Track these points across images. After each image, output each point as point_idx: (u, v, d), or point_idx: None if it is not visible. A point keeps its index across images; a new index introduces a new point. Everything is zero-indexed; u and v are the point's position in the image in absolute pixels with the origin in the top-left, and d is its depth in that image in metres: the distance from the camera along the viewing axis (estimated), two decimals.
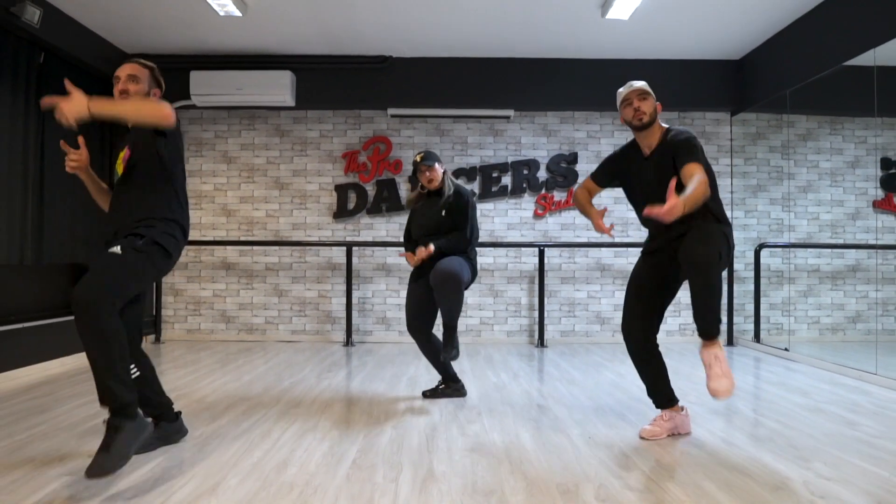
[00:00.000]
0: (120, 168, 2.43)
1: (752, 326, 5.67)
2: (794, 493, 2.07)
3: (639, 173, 2.72)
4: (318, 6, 4.62)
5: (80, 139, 2.42)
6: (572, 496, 2.04)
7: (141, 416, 2.17)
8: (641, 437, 2.71)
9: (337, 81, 5.72)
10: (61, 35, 4.63)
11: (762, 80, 5.44)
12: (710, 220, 2.55)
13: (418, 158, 3.39)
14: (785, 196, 5.38)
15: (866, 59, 4.17)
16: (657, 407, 2.80)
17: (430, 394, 3.52)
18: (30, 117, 4.46)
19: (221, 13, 4.57)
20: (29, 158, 4.44)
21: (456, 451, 2.53)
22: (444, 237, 3.32)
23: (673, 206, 2.22)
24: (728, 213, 5.95)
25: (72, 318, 4.59)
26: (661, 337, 2.78)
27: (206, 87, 5.46)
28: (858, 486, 2.14)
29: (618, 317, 5.76)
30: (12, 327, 4.10)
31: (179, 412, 2.64)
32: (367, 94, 5.73)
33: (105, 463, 1.95)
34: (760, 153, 5.83)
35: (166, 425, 2.55)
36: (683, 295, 5.23)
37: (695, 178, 2.37)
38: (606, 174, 2.89)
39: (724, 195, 5.92)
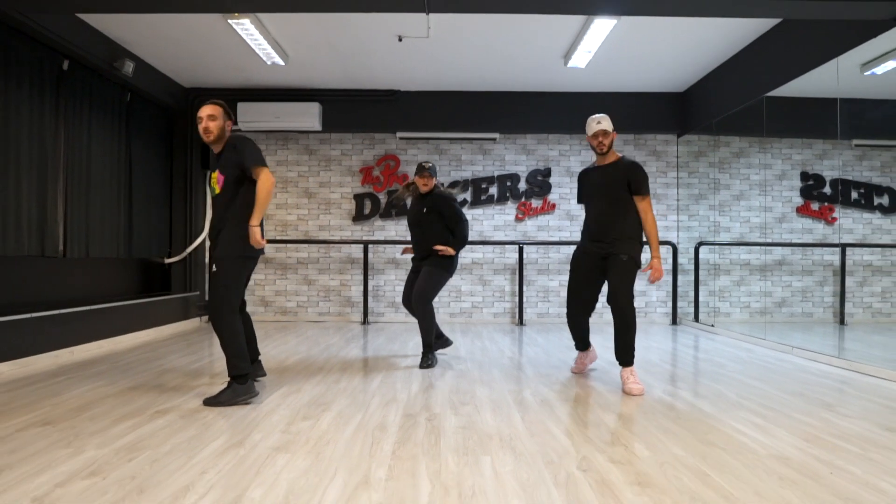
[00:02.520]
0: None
1: (692, 309, 6.97)
2: (652, 396, 3.38)
3: (590, 179, 3.85)
4: (343, 55, 5.92)
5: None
6: (516, 394, 3.36)
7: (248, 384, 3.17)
8: (573, 372, 4.03)
9: (355, 110, 7.04)
10: (143, 79, 5.95)
11: (697, 110, 6.74)
12: (628, 244, 3.58)
13: (426, 165, 4.23)
14: (721, 203, 6.67)
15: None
16: (577, 349, 4.02)
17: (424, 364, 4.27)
18: (121, 143, 5.79)
19: (269, 63, 5.88)
20: (121, 176, 5.77)
21: (447, 377, 3.85)
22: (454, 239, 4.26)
23: (658, 271, 3.50)
24: (674, 217, 7.30)
25: (155, 298, 5.94)
26: (608, 317, 3.95)
27: (251, 115, 6.79)
28: (698, 393, 3.45)
29: None
30: (114, 304, 5.41)
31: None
32: (380, 120, 7.06)
33: (219, 398, 3.13)
34: (702, 168, 7.11)
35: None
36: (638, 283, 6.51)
37: (649, 220, 3.56)
38: (580, 191, 3.92)
39: (670, 202, 7.28)
